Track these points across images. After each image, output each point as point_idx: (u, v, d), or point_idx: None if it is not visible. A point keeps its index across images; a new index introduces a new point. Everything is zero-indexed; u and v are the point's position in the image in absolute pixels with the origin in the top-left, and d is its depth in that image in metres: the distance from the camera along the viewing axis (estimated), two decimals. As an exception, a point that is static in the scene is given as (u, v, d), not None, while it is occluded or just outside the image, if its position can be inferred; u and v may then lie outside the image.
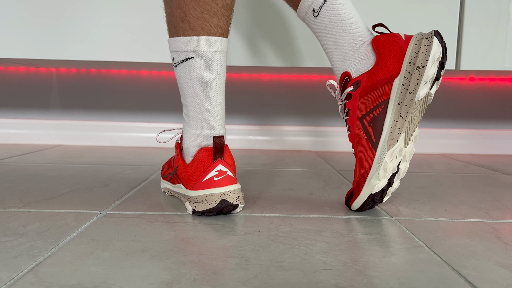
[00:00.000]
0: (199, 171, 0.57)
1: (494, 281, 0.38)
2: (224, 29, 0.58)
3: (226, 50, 0.59)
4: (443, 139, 1.31)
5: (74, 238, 0.46)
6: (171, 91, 1.31)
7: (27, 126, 1.29)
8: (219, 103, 0.59)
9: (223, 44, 0.58)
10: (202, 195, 0.55)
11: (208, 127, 0.59)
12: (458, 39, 1.00)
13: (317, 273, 0.39)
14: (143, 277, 0.37)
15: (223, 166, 0.56)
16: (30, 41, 1.00)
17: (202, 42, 0.56)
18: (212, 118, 0.58)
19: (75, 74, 1.30)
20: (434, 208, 0.62)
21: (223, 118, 0.60)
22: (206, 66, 0.56)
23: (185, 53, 0.56)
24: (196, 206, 0.56)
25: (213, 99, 0.58)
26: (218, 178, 0.56)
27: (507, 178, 0.89)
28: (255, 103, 1.32)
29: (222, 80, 0.59)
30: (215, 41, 0.56)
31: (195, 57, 0.56)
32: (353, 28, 0.58)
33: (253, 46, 1.00)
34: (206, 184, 0.56)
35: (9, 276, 0.36)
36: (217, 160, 0.56)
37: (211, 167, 0.56)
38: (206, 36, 0.56)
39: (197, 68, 0.56)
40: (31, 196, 0.64)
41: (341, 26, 0.58)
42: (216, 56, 0.57)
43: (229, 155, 0.58)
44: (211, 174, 0.56)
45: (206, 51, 0.56)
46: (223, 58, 0.58)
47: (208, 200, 0.55)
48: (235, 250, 0.44)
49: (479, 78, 1.31)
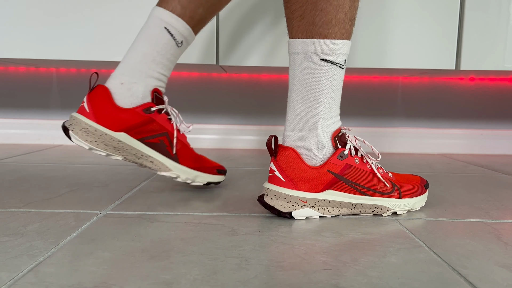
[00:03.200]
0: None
1: (494, 281, 0.38)
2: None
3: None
4: (443, 139, 1.31)
5: (74, 238, 0.46)
6: (171, 91, 1.31)
7: (27, 126, 1.29)
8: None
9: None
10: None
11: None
12: (458, 39, 1.00)
13: (317, 273, 0.39)
14: (143, 277, 0.37)
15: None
16: (30, 41, 1.00)
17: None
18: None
19: (75, 74, 1.30)
20: (434, 208, 0.62)
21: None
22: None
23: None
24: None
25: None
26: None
27: (507, 178, 0.89)
28: (255, 103, 1.32)
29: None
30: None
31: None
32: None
33: (253, 46, 1.00)
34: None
35: (9, 276, 0.36)
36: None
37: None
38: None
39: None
40: (31, 196, 0.64)
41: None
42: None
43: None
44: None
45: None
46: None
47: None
48: (235, 250, 0.44)
49: (479, 78, 1.31)
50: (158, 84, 0.64)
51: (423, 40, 1.00)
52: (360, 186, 0.57)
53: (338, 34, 0.54)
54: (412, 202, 0.59)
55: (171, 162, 0.65)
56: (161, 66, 0.64)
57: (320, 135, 0.56)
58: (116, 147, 0.61)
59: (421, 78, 1.31)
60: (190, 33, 0.65)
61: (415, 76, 1.29)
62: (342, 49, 0.55)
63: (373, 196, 0.57)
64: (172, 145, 0.65)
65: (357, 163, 0.57)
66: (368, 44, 1.00)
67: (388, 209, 0.58)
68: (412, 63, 1.01)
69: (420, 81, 1.31)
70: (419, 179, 0.63)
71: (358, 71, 1.14)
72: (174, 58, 0.66)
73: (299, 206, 0.55)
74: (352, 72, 1.17)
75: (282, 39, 1.00)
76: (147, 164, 0.64)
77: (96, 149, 0.60)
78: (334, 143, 0.56)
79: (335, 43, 0.54)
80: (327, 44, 0.54)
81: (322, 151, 0.56)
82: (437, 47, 1.00)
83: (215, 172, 0.70)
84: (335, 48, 0.54)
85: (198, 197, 0.66)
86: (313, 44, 0.54)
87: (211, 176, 0.69)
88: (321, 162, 0.56)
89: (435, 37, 1.00)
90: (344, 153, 0.56)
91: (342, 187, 0.56)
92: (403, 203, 0.58)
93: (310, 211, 0.56)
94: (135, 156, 0.63)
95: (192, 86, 1.31)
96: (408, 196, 0.59)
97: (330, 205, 0.56)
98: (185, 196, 0.67)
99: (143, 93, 0.63)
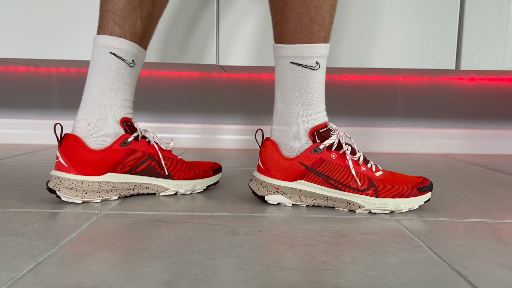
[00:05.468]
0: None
1: (494, 281, 0.38)
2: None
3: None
4: (443, 139, 1.31)
5: (74, 238, 0.46)
6: (171, 91, 1.31)
7: (27, 126, 1.29)
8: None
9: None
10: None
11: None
12: (458, 39, 1.00)
13: (317, 273, 0.39)
14: (143, 277, 0.37)
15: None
16: (30, 41, 1.00)
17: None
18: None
19: (75, 74, 1.30)
20: (434, 208, 0.62)
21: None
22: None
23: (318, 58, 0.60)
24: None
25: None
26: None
27: (507, 178, 0.89)
28: (255, 103, 1.32)
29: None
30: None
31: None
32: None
33: (253, 46, 1.00)
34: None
35: (9, 276, 0.36)
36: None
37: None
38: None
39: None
40: (31, 196, 0.64)
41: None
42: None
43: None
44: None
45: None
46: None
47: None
48: (235, 250, 0.44)
49: (479, 78, 1.31)
50: (124, 112, 0.63)
51: (423, 40, 1.00)
52: (332, 179, 0.59)
53: (304, 39, 0.58)
54: (392, 203, 0.58)
55: (166, 181, 0.65)
56: (121, 93, 0.62)
57: (296, 130, 0.60)
58: (107, 189, 0.61)
59: (421, 78, 1.31)
60: (138, 49, 0.63)
61: (415, 76, 1.29)
62: (310, 53, 0.58)
63: (345, 191, 0.59)
64: (161, 165, 0.65)
65: (333, 158, 0.59)
66: (368, 44, 1.00)
67: (360, 206, 0.59)
68: (412, 63, 1.01)
69: (420, 81, 1.31)
70: (417, 180, 0.61)
71: (359, 71, 1.14)
72: (132, 80, 0.64)
73: (272, 192, 0.61)
74: (352, 72, 1.17)
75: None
76: (143, 192, 0.65)
77: (89, 201, 0.60)
78: (312, 137, 0.60)
79: (301, 47, 0.58)
80: (294, 48, 0.58)
81: (297, 144, 0.60)
82: (437, 47, 1.00)
83: (211, 174, 0.70)
84: (302, 52, 0.58)
85: (198, 197, 0.66)
86: (282, 49, 0.59)
87: (208, 179, 0.70)
88: (296, 155, 0.60)
89: (435, 37, 1.00)
90: (319, 148, 0.59)
91: (314, 179, 0.60)
92: (379, 202, 0.58)
93: (281, 198, 0.61)
94: (128, 189, 0.63)
95: (192, 86, 1.31)
96: (388, 196, 0.58)
97: (302, 194, 0.60)
98: (185, 196, 0.67)
99: (113, 128, 0.61)
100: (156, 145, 0.65)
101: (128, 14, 0.61)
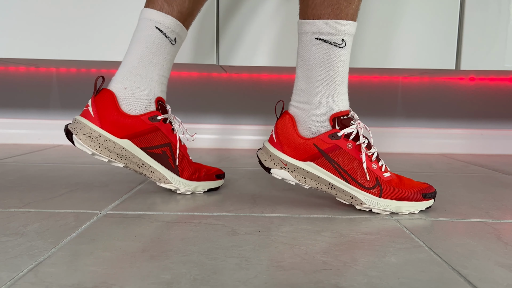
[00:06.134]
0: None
1: (494, 281, 0.38)
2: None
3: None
4: (443, 139, 1.31)
5: (74, 238, 0.46)
6: (171, 91, 1.31)
7: (27, 126, 1.29)
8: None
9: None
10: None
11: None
12: (458, 39, 1.00)
13: (317, 273, 0.39)
14: (143, 277, 0.37)
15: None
16: (30, 41, 1.00)
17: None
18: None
19: (75, 74, 1.30)
20: (434, 208, 0.62)
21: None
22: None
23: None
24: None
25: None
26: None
27: (507, 178, 0.89)
28: (255, 103, 1.32)
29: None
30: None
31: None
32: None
33: (253, 46, 1.00)
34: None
35: (9, 276, 0.36)
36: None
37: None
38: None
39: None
40: (31, 196, 0.64)
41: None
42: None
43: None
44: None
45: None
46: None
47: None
48: (235, 250, 0.44)
49: (479, 78, 1.31)
50: (160, 89, 0.64)
51: (423, 40, 1.00)
52: (342, 169, 0.59)
53: (331, 14, 0.56)
54: (395, 205, 0.58)
55: (171, 174, 0.65)
56: (159, 67, 0.63)
57: (317, 109, 0.58)
58: (119, 154, 0.61)
59: (421, 78, 1.31)
60: (181, 28, 0.64)
61: (415, 76, 1.29)
62: (337, 29, 0.56)
63: (351, 185, 0.59)
64: (174, 157, 0.65)
65: (349, 147, 0.58)
66: (368, 44, 1.00)
67: (361, 203, 0.59)
68: (412, 63, 1.01)
69: (420, 81, 1.31)
70: (422, 186, 0.60)
71: (359, 71, 1.14)
72: (171, 57, 0.65)
73: (279, 166, 0.60)
74: (352, 72, 1.17)
75: (282, 39, 1.00)
76: (147, 174, 0.64)
77: (98, 155, 0.60)
78: (332, 122, 0.58)
79: (328, 23, 0.56)
80: (320, 24, 0.56)
81: (316, 125, 0.59)
82: (437, 47, 1.00)
83: (214, 178, 0.70)
84: (328, 28, 0.56)
85: (198, 197, 0.66)
86: (308, 24, 0.57)
87: (210, 183, 0.70)
88: (313, 135, 0.59)
89: (435, 37, 1.00)
90: (337, 134, 0.58)
91: (324, 164, 0.59)
92: (381, 203, 0.58)
93: (287, 174, 0.60)
94: (136, 164, 0.63)
95: (192, 86, 1.31)
96: (391, 198, 0.58)
97: (308, 176, 0.60)
98: (185, 196, 0.67)
99: (147, 100, 0.62)
100: (178, 136, 0.66)
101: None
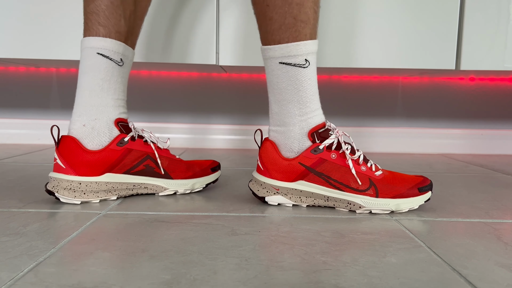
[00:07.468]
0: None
1: (494, 281, 0.38)
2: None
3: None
4: (443, 139, 1.31)
5: (74, 238, 0.46)
6: (171, 91, 1.31)
7: (27, 126, 1.29)
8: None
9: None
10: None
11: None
12: (458, 39, 1.00)
13: (317, 273, 0.39)
14: (143, 277, 0.37)
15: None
16: (30, 41, 1.00)
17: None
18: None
19: (75, 74, 1.30)
20: (434, 208, 0.62)
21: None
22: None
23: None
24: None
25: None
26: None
27: (507, 178, 0.89)
28: (255, 103, 1.32)
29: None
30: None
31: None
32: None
33: (253, 46, 1.00)
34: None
35: (9, 276, 0.36)
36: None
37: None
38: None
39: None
40: (31, 196, 0.64)
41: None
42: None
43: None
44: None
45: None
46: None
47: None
48: (235, 250, 0.44)
49: (479, 78, 1.31)
50: (117, 112, 0.63)
51: (423, 40, 1.00)
52: (333, 180, 0.59)
53: (290, 37, 0.57)
54: (393, 203, 0.58)
55: (165, 180, 0.65)
56: (112, 92, 0.62)
57: (294, 130, 0.60)
58: (106, 190, 0.61)
59: (421, 78, 1.31)
60: (125, 48, 0.63)
61: (415, 76, 1.29)
62: (298, 51, 0.57)
63: (346, 192, 0.59)
64: (158, 165, 0.65)
65: (333, 157, 0.59)
66: (368, 44, 1.00)
67: (361, 206, 0.59)
68: (412, 63, 1.01)
69: (420, 81, 1.31)
70: (417, 180, 0.60)
71: (359, 71, 1.14)
72: (122, 79, 0.63)
73: (272, 193, 0.61)
74: (352, 72, 1.17)
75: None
76: (142, 192, 0.65)
77: (88, 201, 0.60)
78: (312, 138, 0.59)
79: (289, 47, 0.57)
80: (281, 48, 0.58)
81: (296, 144, 0.60)
82: (437, 47, 1.00)
83: (209, 172, 0.70)
84: (290, 51, 0.58)
85: (198, 197, 0.66)
86: (270, 50, 0.59)
87: (207, 178, 0.70)
88: (295, 155, 0.60)
89: (435, 37, 1.00)
90: (319, 148, 0.59)
91: (314, 179, 0.59)
92: (380, 203, 0.58)
93: (282, 199, 0.61)
94: (127, 189, 0.63)
95: (192, 86, 1.31)
96: (389, 196, 0.58)
97: (302, 194, 0.60)
98: (185, 196, 0.67)
99: (108, 128, 0.61)
100: (153, 144, 0.65)
101: (111, 14, 0.60)
